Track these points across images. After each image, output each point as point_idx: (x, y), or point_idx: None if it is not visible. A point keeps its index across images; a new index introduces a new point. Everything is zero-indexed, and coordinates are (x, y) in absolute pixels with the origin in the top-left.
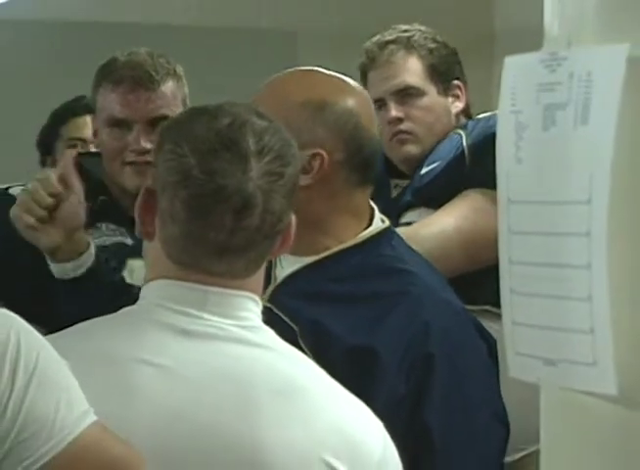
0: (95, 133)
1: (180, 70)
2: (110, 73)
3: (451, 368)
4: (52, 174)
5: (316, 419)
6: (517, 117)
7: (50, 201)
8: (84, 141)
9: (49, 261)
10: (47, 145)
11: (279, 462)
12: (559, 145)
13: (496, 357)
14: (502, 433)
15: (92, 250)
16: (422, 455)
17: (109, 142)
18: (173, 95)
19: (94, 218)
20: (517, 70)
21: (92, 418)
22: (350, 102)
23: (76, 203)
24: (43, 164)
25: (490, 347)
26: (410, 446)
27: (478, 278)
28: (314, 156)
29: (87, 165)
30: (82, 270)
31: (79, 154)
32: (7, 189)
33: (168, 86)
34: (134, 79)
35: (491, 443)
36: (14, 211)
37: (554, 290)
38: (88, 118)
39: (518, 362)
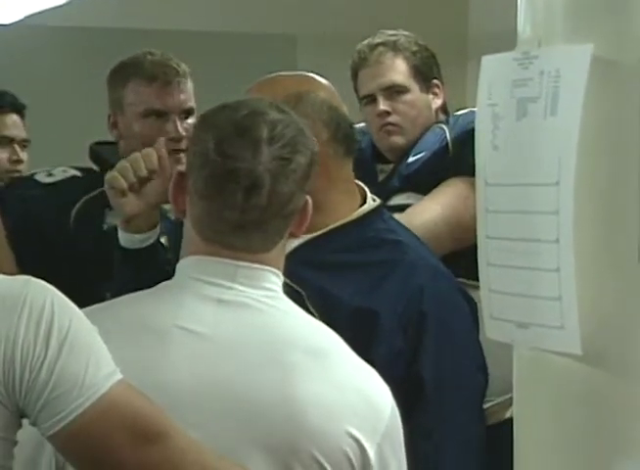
0: (114, 125)
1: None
2: (140, 71)
3: (441, 325)
4: (153, 152)
5: (341, 379)
6: (493, 109)
7: (145, 173)
8: (5, 137)
9: (121, 229)
10: None
11: (312, 417)
12: (530, 134)
13: (476, 315)
14: (483, 381)
15: (158, 228)
16: (414, 400)
17: (145, 131)
18: (191, 90)
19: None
20: (493, 68)
21: (118, 376)
22: (319, 91)
23: (164, 182)
24: None
25: (471, 306)
26: (406, 393)
27: (454, 255)
28: None
29: (104, 153)
30: (147, 243)
31: (96, 143)
32: (32, 175)
33: (188, 82)
34: (166, 75)
35: (475, 389)
36: (111, 174)
37: (526, 262)
38: (14, 117)
39: (493, 325)
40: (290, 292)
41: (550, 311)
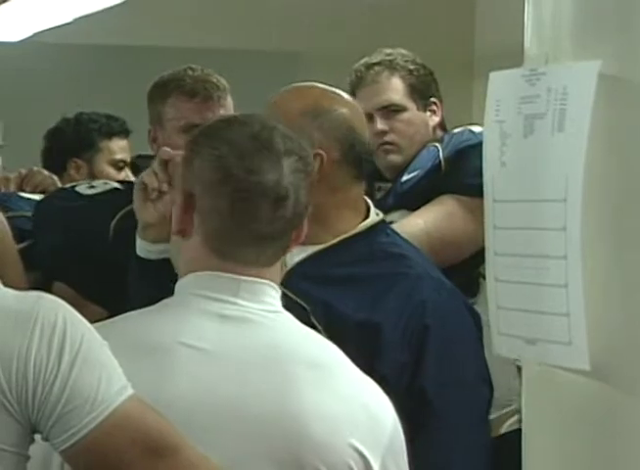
0: (154, 139)
1: None
2: (182, 87)
3: (444, 338)
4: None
5: (344, 393)
6: (501, 125)
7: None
8: (122, 161)
9: (138, 237)
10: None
11: (316, 431)
12: (538, 150)
13: (481, 329)
14: (487, 392)
15: None
16: (419, 414)
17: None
18: (231, 105)
19: None
20: (500, 85)
21: (129, 392)
22: (342, 109)
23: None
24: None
25: (476, 320)
26: (409, 406)
27: (448, 272)
28: (314, 156)
29: (143, 166)
30: (164, 256)
31: (138, 156)
32: (74, 187)
33: (227, 98)
34: (207, 91)
35: (478, 401)
36: (147, 172)
37: (534, 278)
38: (126, 141)
39: (502, 341)
40: (294, 307)
41: (558, 327)
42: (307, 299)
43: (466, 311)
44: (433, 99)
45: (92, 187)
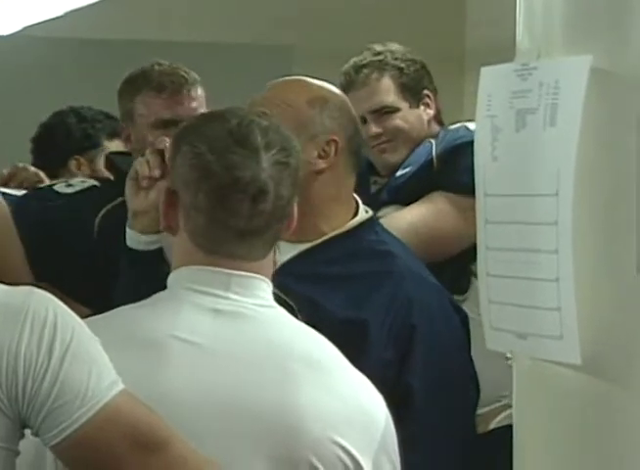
0: (128, 138)
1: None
2: (149, 82)
3: (430, 337)
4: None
5: (339, 389)
6: (492, 120)
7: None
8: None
9: (128, 227)
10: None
11: (311, 427)
12: (530, 145)
13: (468, 328)
14: (473, 392)
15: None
16: (405, 412)
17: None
18: (202, 98)
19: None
20: (492, 79)
21: (120, 387)
22: (342, 98)
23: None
24: None
25: (462, 318)
26: (395, 404)
27: (439, 269)
28: (329, 142)
29: (118, 163)
30: (153, 247)
31: (111, 153)
32: (51, 186)
33: (198, 90)
34: (175, 85)
35: (465, 399)
36: (139, 160)
37: (525, 272)
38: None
39: (493, 336)
40: (281, 305)
41: (549, 321)
42: (294, 296)
43: (452, 310)
44: (425, 92)
45: (70, 185)
